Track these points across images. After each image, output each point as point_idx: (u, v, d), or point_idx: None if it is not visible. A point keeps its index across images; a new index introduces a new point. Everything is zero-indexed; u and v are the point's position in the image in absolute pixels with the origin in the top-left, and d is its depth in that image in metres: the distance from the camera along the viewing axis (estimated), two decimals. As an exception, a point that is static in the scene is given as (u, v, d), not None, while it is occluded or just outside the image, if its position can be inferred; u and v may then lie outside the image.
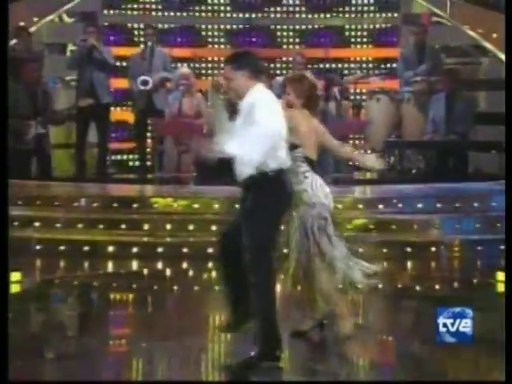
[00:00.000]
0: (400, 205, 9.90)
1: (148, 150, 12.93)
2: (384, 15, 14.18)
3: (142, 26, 13.70)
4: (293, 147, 5.86)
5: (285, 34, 14.24)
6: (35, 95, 11.72)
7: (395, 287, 8.29)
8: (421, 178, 11.75)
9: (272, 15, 14.27)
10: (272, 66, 13.96)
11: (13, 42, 12.26)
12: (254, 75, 5.63)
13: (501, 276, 7.99)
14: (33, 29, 12.82)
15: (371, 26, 14.16)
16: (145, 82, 12.03)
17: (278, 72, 13.87)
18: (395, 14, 14.15)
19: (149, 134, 12.96)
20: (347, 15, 14.23)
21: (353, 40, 14.19)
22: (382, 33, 14.16)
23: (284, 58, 14.02)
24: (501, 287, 7.91)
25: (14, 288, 7.85)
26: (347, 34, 14.18)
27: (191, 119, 11.60)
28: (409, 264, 9.12)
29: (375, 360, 5.91)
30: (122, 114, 13.58)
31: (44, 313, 7.25)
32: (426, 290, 8.21)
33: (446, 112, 11.88)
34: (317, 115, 6.29)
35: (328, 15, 14.21)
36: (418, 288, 8.38)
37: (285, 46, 14.20)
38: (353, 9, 14.22)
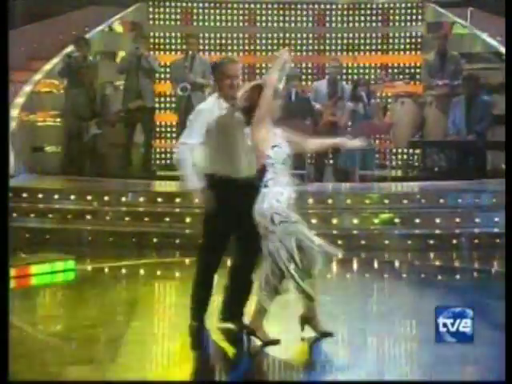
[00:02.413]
0: (423, 200, 9.85)
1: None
2: (409, 24, 14.11)
3: (184, 34, 13.70)
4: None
5: (316, 41, 14.18)
6: (93, 98, 11.85)
7: (419, 276, 8.27)
8: (442, 176, 11.69)
9: (305, 24, 14.20)
10: (304, 71, 13.93)
11: (70, 49, 12.37)
12: None
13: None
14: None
15: (396, 34, 14.08)
16: (184, 89, 12.07)
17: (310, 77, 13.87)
18: (419, 23, 14.07)
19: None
20: (374, 24, 14.17)
21: (379, 47, 14.11)
22: (407, 41, 14.08)
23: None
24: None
25: (69, 275, 7.94)
26: (374, 41, 14.11)
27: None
28: (431, 255, 9.07)
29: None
30: (165, 116, 13.63)
31: (97, 298, 7.30)
32: (448, 279, 8.17)
33: (466, 114, 11.82)
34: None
35: (357, 25, 14.14)
36: (440, 277, 8.33)
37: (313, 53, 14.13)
38: (379, 18, 14.15)
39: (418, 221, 9.49)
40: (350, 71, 13.83)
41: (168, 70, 13.03)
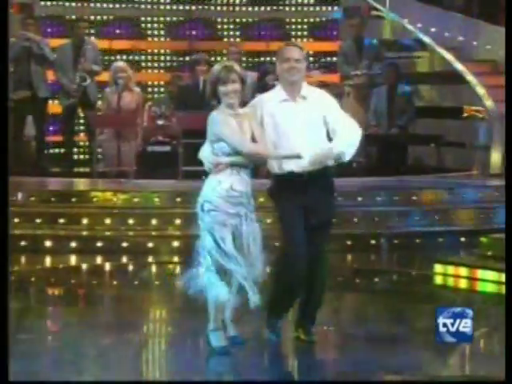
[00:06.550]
0: (340, 198, 9.95)
1: (84, 143, 12.91)
2: (324, 9, 14.26)
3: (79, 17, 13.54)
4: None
5: (225, 26, 14.23)
6: None
7: (336, 280, 8.34)
8: (361, 172, 11.83)
9: (212, 7, 14.26)
10: (213, 58, 13.92)
11: None
12: None
13: (438, 268, 8.10)
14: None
15: (311, 20, 14.22)
16: (83, 78, 11.94)
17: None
18: (335, 8, 14.23)
19: (81, 128, 12.90)
20: (287, 8, 14.28)
21: (293, 33, 14.24)
22: (322, 26, 14.23)
23: (224, 51, 14.01)
24: (438, 279, 8.03)
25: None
26: (288, 27, 14.22)
27: (130, 113, 11.48)
28: (349, 257, 9.17)
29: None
30: (58, 107, 13.42)
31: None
32: (367, 283, 8.27)
33: (388, 105, 12.00)
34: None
35: (269, 8, 14.23)
36: (358, 281, 8.44)
37: (225, 39, 14.18)
38: (293, 2, 14.28)
39: (334, 220, 9.56)
40: (261, 59, 13.90)
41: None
